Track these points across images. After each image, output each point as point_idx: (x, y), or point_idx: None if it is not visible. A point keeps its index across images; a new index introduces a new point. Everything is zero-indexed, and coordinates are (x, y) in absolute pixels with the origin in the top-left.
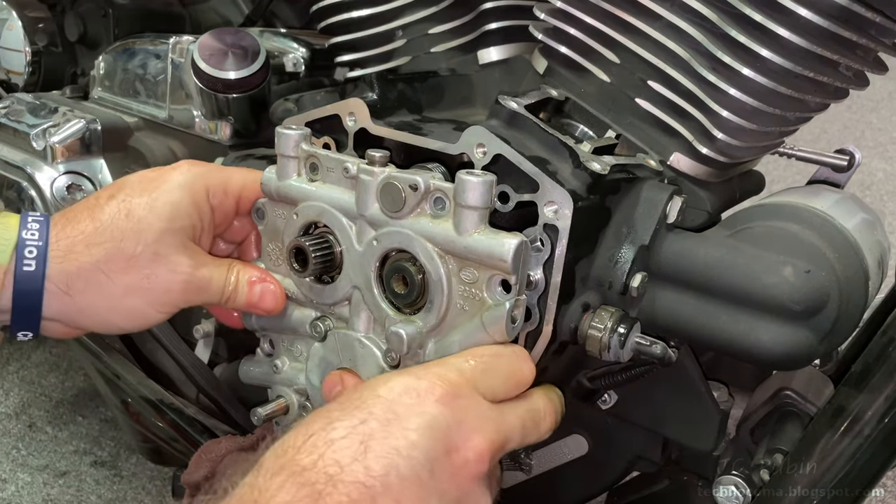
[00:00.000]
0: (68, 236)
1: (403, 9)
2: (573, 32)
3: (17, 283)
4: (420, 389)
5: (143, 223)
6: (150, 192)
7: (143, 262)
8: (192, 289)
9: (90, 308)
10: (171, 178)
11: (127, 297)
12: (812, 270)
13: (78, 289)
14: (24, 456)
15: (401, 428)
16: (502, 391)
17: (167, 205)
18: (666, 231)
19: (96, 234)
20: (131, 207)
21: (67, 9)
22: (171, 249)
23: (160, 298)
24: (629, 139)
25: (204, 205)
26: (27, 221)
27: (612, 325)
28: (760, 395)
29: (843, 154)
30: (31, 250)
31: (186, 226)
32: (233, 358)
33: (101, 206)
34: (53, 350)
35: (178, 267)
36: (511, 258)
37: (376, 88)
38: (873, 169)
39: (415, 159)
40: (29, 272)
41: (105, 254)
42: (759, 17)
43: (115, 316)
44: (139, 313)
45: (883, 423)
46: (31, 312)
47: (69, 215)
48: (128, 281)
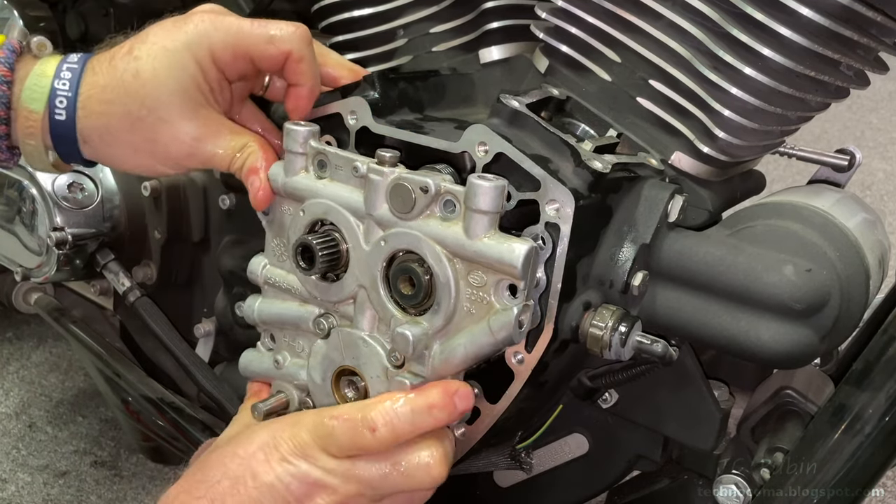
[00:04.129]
0: (90, 88)
1: (404, 8)
2: (574, 31)
3: (53, 129)
4: (271, 447)
5: (147, 87)
6: (159, 52)
7: (147, 126)
8: (196, 160)
9: (107, 158)
10: (179, 37)
11: (136, 155)
12: (813, 269)
13: (94, 142)
14: (24, 456)
15: (245, 486)
16: (347, 452)
17: (172, 68)
18: (667, 230)
19: (107, 90)
20: (139, 67)
21: (69, 8)
22: (175, 115)
23: (167, 159)
24: (630, 138)
25: (210, 69)
26: (61, 70)
27: (613, 323)
28: (761, 394)
29: (844, 154)
30: (61, 100)
31: (192, 90)
32: (233, 357)
33: (117, 60)
34: (53, 350)
35: (181, 136)
36: (521, 264)
37: (378, 87)
38: (873, 169)
39: (416, 158)
40: (61, 121)
41: (112, 113)
42: (761, 16)
43: (128, 166)
44: (149, 167)
45: (883, 421)
46: (72, 152)
47: (94, 63)
48: (134, 141)
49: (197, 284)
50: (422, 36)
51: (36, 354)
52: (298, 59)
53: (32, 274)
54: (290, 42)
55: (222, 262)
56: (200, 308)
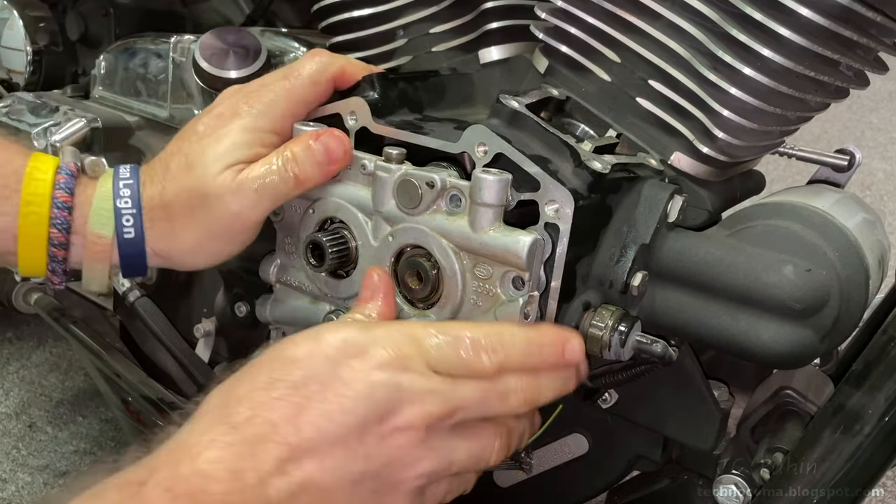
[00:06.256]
0: (149, 200)
1: (404, 8)
2: (574, 32)
3: (122, 249)
4: (369, 355)
5: (197, 174)
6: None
7: (206, 210)
8: (261, 206)
9: (182, 261)
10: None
11: (209, 240)
12: (813, 269)
13: (164, 250)
14: (24, 456)
15: (337, 394)
16: (455, 373)
17: (222, 156)
18: (667, 230)
19: (165, 194)
20: (189, 161)
21: (69, 8)
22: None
23: (233, 226)
24: (630, 138)
25: (271, 142)
26: (119, 189)
27: (613, 323)
28: (761, 394)
29: (844, 154)
30: (127, 219)
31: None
32: (234, 357)
33: (167, 159)
34: (53, 350)
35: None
36: (526, 255)
37: (377, 87)
38: (873, 169)
39: (416, 158)
40: (129, 239)
41: (174, 215)
42: (760, 16)
43: (201, 260)
44: (222, 246)
45: (883, 421)
46: (137, 266)
47: (148, 171)
48: (200, 228)
49: (197, 284)
50: (421, 36)
51: (36, 354)
52: (341, 72)
53: None
54: (326, 69)
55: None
56: (200, 308)
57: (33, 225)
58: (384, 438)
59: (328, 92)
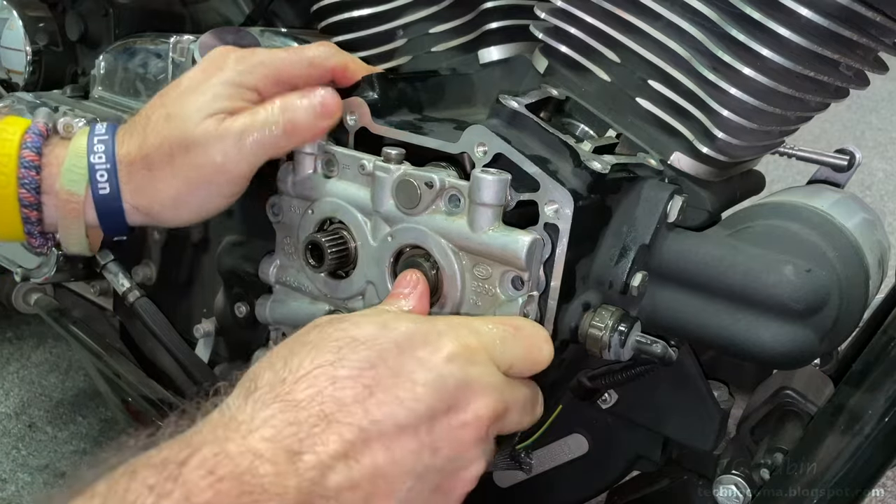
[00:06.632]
0: (126, 154)
1: (404, 8)
2: (574, 32)
3: (98, 205)
4: (436, 346)
5: (177, 123)
6: (186, 93)
7: (188, 158)
8: (250, 156)
9: (164, 216)
10: (217, 76)
11: (190, 192)
12: (813, 269)
13: (143, 204)
14: (24, 456)
15: (409, 380)
16: (517, 367)
17: (203, 106)
18: (666, 230)
19: (143, 146)
20: (169, 112)
21: (68, 8)
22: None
23: (222, 175)
24: (630, 138)
25: (250, 98)
26: (93, 144)
27: (613, 324)
28: (761, 395)
29: (844, 154)
30: (101, 174)
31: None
32: (233, 357)
33: (149, 111)
34: (53, 350)
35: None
36: (525, 255)
37: (377, 87)
38: (873, 169)
39: (415, 158)
40: (105, 195)
41: (155, 165)
42: (760, 16)
43: (184, 213)
44: (207, 199)
45: (883, 422)
46: (117, 224)
47: (126, 128)
48: (180, 179)
49: (197, 284)
50: (421, 36)
51: (36, 354)
52: (343, 67)
53: (32, 274)
54: (330, 58)
55: (222, 262)
56: (200, 308)
57: (2, 186)
58: (452, 431)
59: (324, 80)
